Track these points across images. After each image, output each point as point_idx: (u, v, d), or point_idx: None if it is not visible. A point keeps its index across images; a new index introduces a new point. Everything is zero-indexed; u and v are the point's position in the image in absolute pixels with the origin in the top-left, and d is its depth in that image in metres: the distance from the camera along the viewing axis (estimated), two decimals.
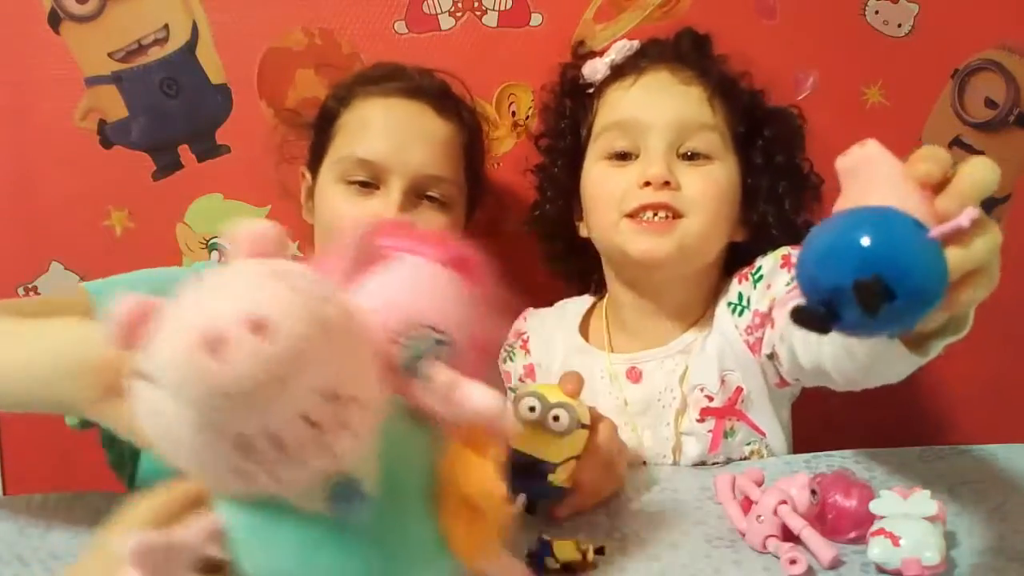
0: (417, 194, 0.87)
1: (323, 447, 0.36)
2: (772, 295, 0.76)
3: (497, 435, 0.42)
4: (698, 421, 0.82)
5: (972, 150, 1.11)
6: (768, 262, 0.80)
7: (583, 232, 0.92)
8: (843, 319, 0.39)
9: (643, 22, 1.06)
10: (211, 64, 1.05)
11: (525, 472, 0.63)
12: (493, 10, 1.06)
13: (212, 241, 1.09)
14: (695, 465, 0.82)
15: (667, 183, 0.79)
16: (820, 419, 0.93)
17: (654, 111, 0.82)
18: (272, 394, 0.34)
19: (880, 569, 0.57)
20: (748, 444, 0.83)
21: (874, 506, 0.59)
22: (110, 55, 1.05)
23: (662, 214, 0.80)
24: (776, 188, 0.85)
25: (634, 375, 0.86)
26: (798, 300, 0.41)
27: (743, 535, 0.62)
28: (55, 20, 1.04)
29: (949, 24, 1.07)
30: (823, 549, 0.58)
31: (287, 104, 1.07)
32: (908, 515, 0.57)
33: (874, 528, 0.57)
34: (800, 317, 0.40)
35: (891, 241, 0.39)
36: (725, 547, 0.62)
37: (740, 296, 0.82)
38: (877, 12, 1.07)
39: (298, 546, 0.39)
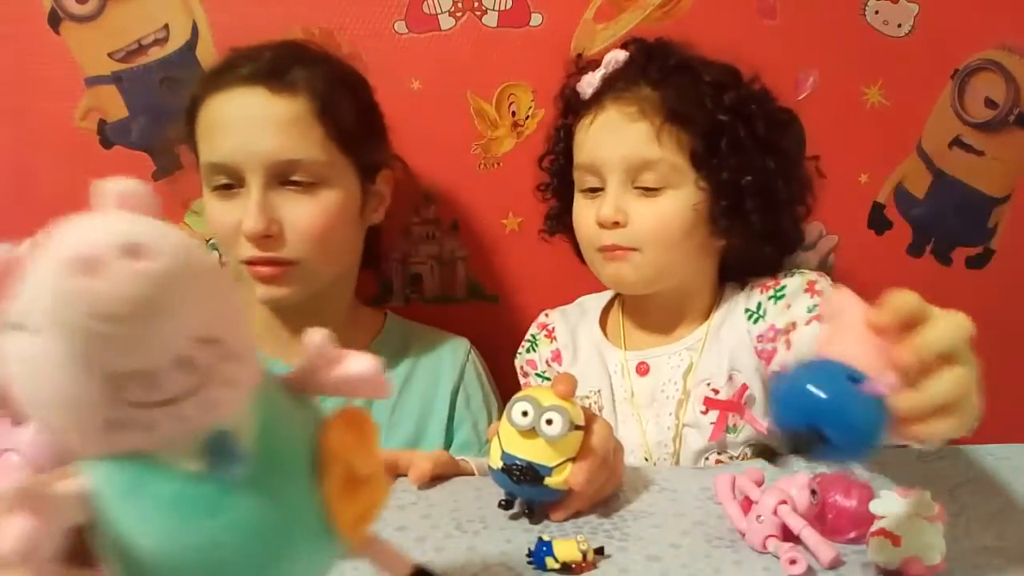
0: (280, 182, 0.84)
1: (200, 396, 0.36)
2: (791, 316, 0.82)
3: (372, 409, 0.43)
4: (702, 413, 0.86)
5: (972, 150, 1.11)
6: (793, 283, 0.86)
7: None
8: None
9: (643, 22, 1.06)
10: (211, 64, 1.05)
11: (522, 476, 0.63)
12: (493, 10, 1.06)
13: (212, 241, 1.09)
14: (697, 456, 0.86)
15: (616, 223, 0.85)
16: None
17: (606, 151, 0.86)
18: (148, 323, 0.33)
19: (880, 569, 0.57)
20: (751, 445, 0.86)
21: (874, 506, 0.59)
22: (110, 55, 1.05)
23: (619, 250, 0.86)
24: (743, 202, 0.85)
25: (642, 369, 0.92)
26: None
27: (743, 535, 0.62)
28: (55, 20, 1.05)
29: (949, 24, 1.07)
30: (823, 549, 0.58)
31: None
32: (908, 515, 0.57)
33: (874, 528, 0.57)
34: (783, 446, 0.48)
35: (824, 394, 0.46)
36: (725, 547, 0.62)
37: (759, 306, 0.87)
38: (877, 12, 1.07)
39: (172, 507, 0.37)
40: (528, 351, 1.00)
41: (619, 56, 0.89)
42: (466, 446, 0.94)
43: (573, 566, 0.58)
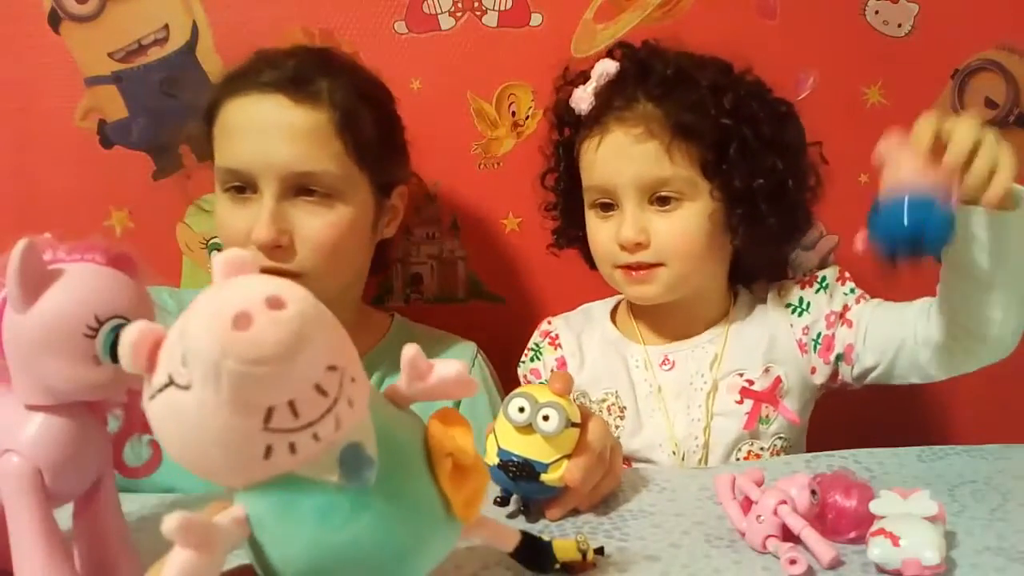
0: (294, 192, 0.83)
1: (330, 414, 0.41)
2: (840, 300, 0.89)
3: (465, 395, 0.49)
4: (736, 403, 0.89)
5: None
6: (829, 274, 0.92)
7: None
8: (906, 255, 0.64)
9: (643, 22, 1.06)
10: (211, 64, 1.06)
11: (518, 473, 0.63)
12: (493, 10, 1.06)
13: (212, 241, 1.10)
14: (729, 448, 0.88)
15: (639, 243, 0.85)
16: (820, 419, 0.94)
17: (618, 174, 0.86)
18: (292, 361, 0.39)
19: (880, 569, 0.57)
20: (780, 437, 0.89)
21: (874, 506, 0.59)
22: (110, 55, 1.05)
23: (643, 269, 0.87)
24: (757, 206, 0.86)
25: (667, 363, 0.93)
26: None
27: (743, 535, 0.62)
28: (55, 20, 1.05)
29: (949, 24, 1.07)
30: (823, 549, 0.58)
31: None
32: (908, 515, 0.57)
33: (874, 528, 0.57)
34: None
35: (920, 216, 0.62)
36: (725, 547, 0.62)
37: (801, 300, 0.91)
38: (877, 12, 1.07)
39: (317, 517, 0.43)
40: (532, 360, 0.99)
41: (609, 68, 0.88)
42: None
43: (573, 566, 0.58)
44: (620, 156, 0.86)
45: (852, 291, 0.90)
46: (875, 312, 0.87)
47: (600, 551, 0.59)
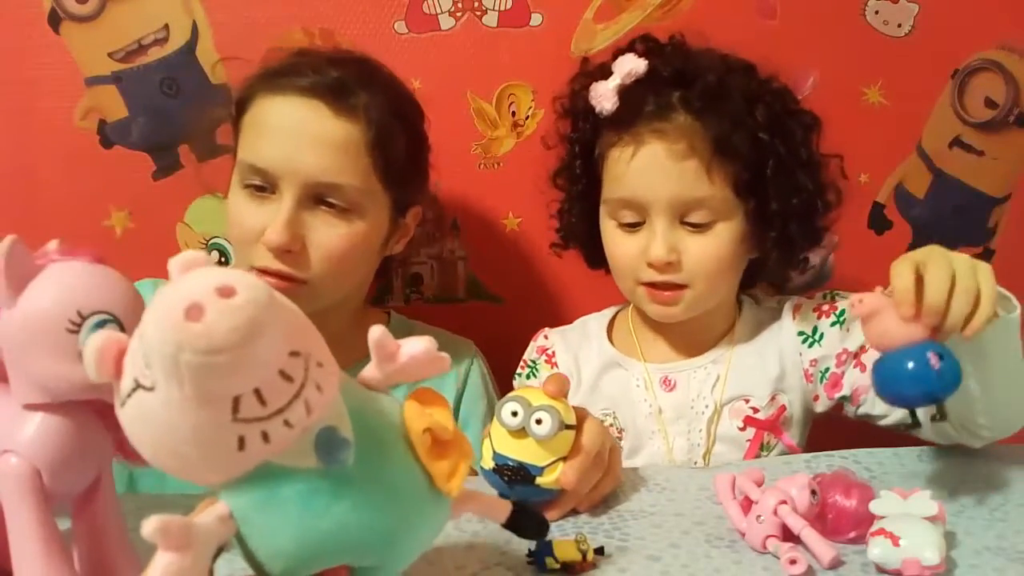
0: (314, 200, 0.82)
1: (299, 399, 0.41)
2: (858, 339, 0.84)
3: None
4: (739, 429, 0.86)
5: (972, 150, 1.11)
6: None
7: None
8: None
9: (643, 22, 1.06)
10: (211, 64, 1.05)
11: (513, 477, 0.63)
12: (493, 10, 1.06)
13: (213, 241, 1.10)
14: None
15: (670, 263, 0.82)
16: (820, 419, 0.93)
17: (653, 191, 0.81)
18: (249, 347, 0.38)
19: (880, 569, 0.57)
20: None
21: (874, 506, 0.59)
22: (110, 55, 1.05)
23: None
24: (788, 226, 0.84)
25: (668, 384, 0.90)
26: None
27: (743, 535, 0.62)
28: (55, 20, 1.05)
29: (949, 24, 1.07)
30: (823, 549, 0.58)
31: None
32: (908, 515, 0.57)
33: (874, 528, 0.57)
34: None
35: (927, 370, 0.62)
36: (725, 547, 0.62)
37: (815, 331, 0.87)
38: (877, 12, 1.07)
39: (300, 504, 0.43)
40: (528, 376, 0.97)
41: (638, 66, 0.82)
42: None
43: (573, 566, 0.58)
44: (657, 172, 0.81)
45: None
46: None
47: (600, 551, 0.59)
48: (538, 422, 0.63)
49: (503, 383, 1.03)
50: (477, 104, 1.08)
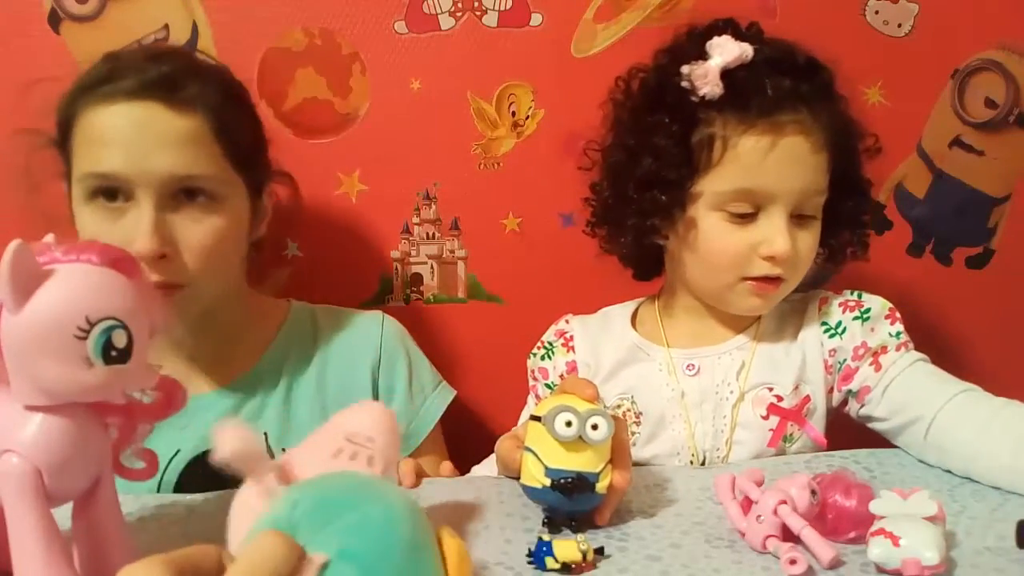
0: (174, 200, 0.80)
1: None
2: (880, 338, 0.84)
3: None
4: (762, 417, 0.86)
5: (972, 150, 1.11)
6: (876, 308, 0.86)
7: (664, 242, 0.90)
8: None
9: (643, 22, 1.06)
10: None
11: (575, 488, 0.61)
12: (493, 10, 1.06)
13: None
14: (755, 457, 0.85)
15: (788, 257, 0.81)
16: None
17: (786, 183, 0.80)
18: None
19: (880, 569, 0.57)
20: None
21: (874, 506, 0.59)
22: None
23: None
24: (848, 225, 0.87)
25: (692, 369, 0.90)
26: None
27: (743, 535, 0.62)
28: (55, 20, 1.05)
29: (949, 24, 1.07)
30: (823, 549, 0.58)
31: (287, 105, 1.07)
32: (908, 515, 0.57)
33: (874, 528, 0.57)
34: None
35: None
36: (725, 547, 0.62)
37: (839, 324, 0.87)
38: (877, 12, 1.07)
39: None
40: (543, 358, 0.97)
41: (746, 51, 0.79)
42: (401, 416, 0.93)
43: (573, 566, 0.58)
44: (798, 164, 0.80)
45: (898, 335, 0.84)
46: (909, 370, 0.82)
47: (600, 551, 0.59)
48: (594, 427, 0.61)
49: (503, 383, 1.03)
50: (477, 104, 1.08)
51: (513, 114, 1.09)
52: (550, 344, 0.96)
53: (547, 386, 0.96)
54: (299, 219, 0.94)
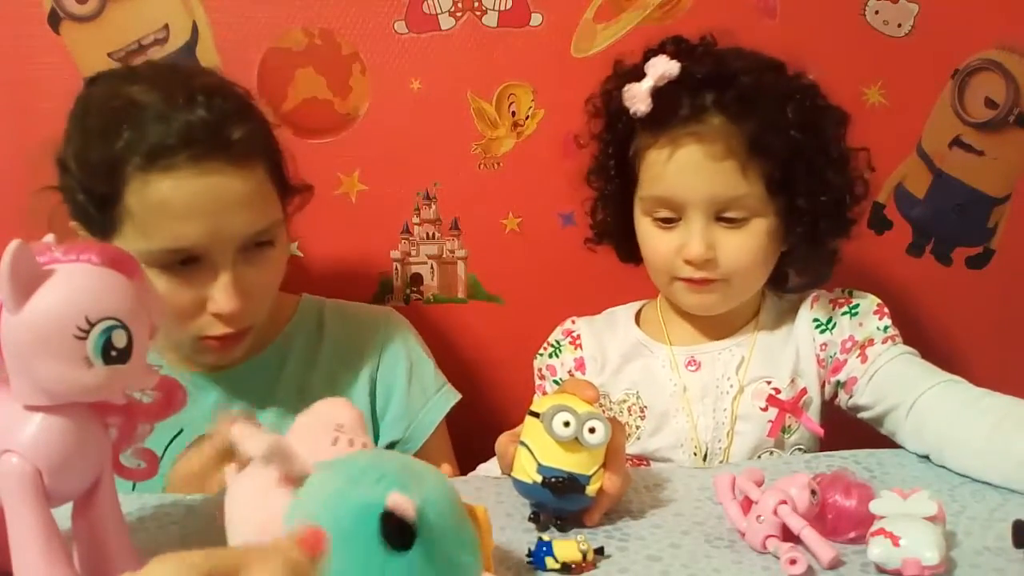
0: (245, 251, 0.80)
1: None
2: (867, 332, 0.88)
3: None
4: (761, 409, 0.89)
5: (972, 150, 1.11)
6: (865, 304, 0.90)
7: None
8: None
9: (643, 22, 1.06)
10: (211, 64, 1.05)
11: (565, 488, 0.62)
12: (493, 10, 1.06)
13: None
14: (750, 453, 0.88)
15: (707, 260, 0.84)
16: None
17: (690, 190, 0.83)
18: None
19: (880, 569, 0.57)
20: (800, 448, 0.89)
21: (874, 506, 0.59)
22: (110, 55, 1.05)
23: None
24: (817, 223, 0.86)
25: (694, 364, 0.92)
26: None
27: (743, 535, 0.62)
28: (55, 20, 1.04)
29: (949, 24, 1.07)
30: (823, 549, 0.58)
31: (287, 105, 1.07)
32: (908, 515, 0.57)
33: (874, 528, 0.57)
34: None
35: None
36: (725, 547, 0.62)
37: (830, 320, 0.90)
38: (877, 12, 1.07)
39: None
40: (551, 356, 0.98)
41: (671, 68, 0.81)
42: (399, 418, 0.95)
43: (573, 566, 0.58)
44: (695, 173, 0.82)
45: (886, 329, 0.88)
46: (894, 361, 0.85)
47: (600, 551, 0.59)
48: (591, 431, 0.61)
49: (503, 383, 1.04)
50: (477, 104, 1.08)
51: (513, 114, 1.09)
52: (557, 343, 0.98)
53: (555, 382, 0.97)
54: (299, 219, 0.94)
